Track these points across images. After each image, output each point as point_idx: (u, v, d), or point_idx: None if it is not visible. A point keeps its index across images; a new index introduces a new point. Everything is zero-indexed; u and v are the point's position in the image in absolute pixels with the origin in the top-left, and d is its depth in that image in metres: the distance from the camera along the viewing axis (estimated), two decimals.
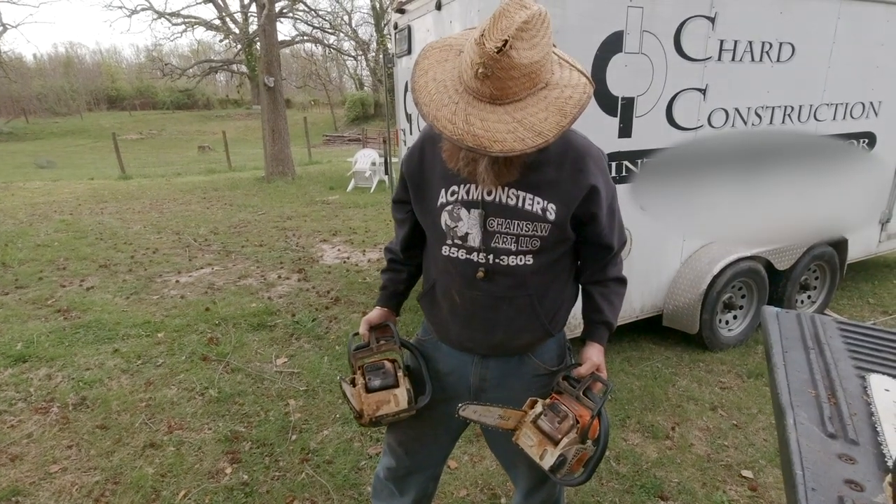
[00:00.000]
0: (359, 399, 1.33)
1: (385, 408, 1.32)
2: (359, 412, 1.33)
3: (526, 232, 1.18)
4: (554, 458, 1.16)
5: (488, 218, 1.18)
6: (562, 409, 1.21)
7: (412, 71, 1.06)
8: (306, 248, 5.59)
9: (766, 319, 1.52)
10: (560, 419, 1.20)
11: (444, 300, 1.32)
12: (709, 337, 3.13)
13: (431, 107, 0.99)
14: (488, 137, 0.96)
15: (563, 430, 1.18)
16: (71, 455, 2.23)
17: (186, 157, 18.51)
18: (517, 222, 1.17)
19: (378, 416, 1.32)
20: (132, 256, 5.23)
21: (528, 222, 1.17)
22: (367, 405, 1.31)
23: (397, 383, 1.34)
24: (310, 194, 9.12)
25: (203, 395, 2.67)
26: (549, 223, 1.17)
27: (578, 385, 1.24)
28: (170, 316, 3.69)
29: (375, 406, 1.32)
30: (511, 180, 1.13)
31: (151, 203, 8.35)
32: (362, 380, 1.35)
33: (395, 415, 1.33)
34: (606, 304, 1.33)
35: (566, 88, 1.02)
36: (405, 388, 1.34)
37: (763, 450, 2.31)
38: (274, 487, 2.05)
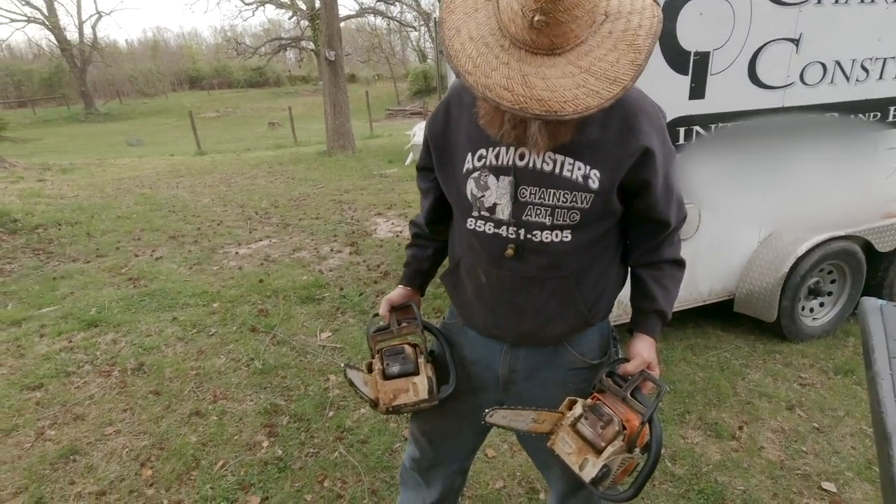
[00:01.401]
0: (375, 386, 1.23)
1: (403, 397, 1.21)
2: (374, 400, 1.23)
3: (563, 203, 0.99)
4: (596, 469, 1.00)
5: (520, 186, 1.01)
6: (605, 411, 1.04)
7: (440, 31, 0.88)
8: (360, 222, 5.60)
9: (867, 314, 1.25)
10: (604, 424, 1.03)
11: (468, 280, 1.17)
12: (788, 326, 2.78)
13: (478, 74, 0.81)
14: (556, 99, 0.78)
15: (607, 437, 1.02)
16: (125, 418, 2.33)
17: (257, 133, 19.29)
18: (553, 191, 0.99)
19: (395, 405, 1.20)
20: (199, 228, 5.48)
21: (567, 192, 0.98)
22: (384, 393, 1.20)
23: (417, 370, 1.22)
24: (368, 168, 9.17)
25: (248, 367, 2.72)
26: (592, 193, 0.98)
27: (626, 384, 1.06)
28: (226, 287, 3.81)
29: (392, 395, 1.20)
30: (566, 140, 0.95)
31: (221, 177, 8.73)
32: (380, 365, 1.24)
33: (414, 405, 1.21)
34: (660, 289, 1.13)
35: (631, 16, 0.82)
36: (426, 376, 1.21)
37: (850, 459, 2.00)
38: (307, 464, 2.04)
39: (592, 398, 1.10)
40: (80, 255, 4.61)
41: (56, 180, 8.37)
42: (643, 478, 1.01)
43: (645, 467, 1.01)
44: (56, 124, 25.42)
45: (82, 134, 21.18)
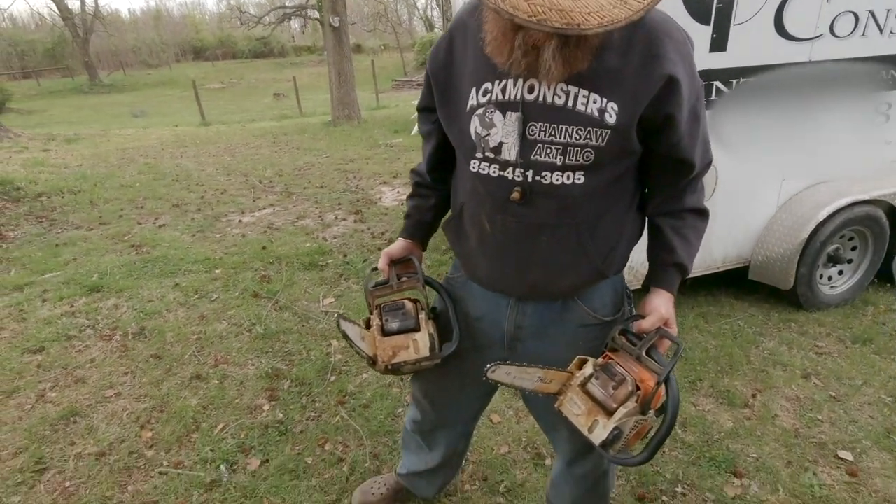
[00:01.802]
0: (373, 343, 1.16)
1: (403, 354, 1.14)
2: (372, 358, 1.17)
3: (577, 140, 0.90)
4: (607, 431, 0.94)
5: (528, 123, 0.91)
6: (618, 371, 0.97)
7: None
8: (365, 190, 5.51)
9: None
10: (616, 384, 0.96)
11: (472, 228, 1.08)
12: (805, 294, 2.68)
13: None
14: (579, 9, 0.69)
15: (619, 398, 0.95)
16: (126, 381, 2.31)
17: (262, 104, 19.05)
18: (565, 128, 0.89)
19: (394, 363, 1.14)
20: (202, 197, 5.41)
21: (580, 128, 0.89)
22: (382, 350, 1.13)
23: (418, 327, 1.15)
24: (374, 137, 9.01)
25: (250, 332, 2.68)
26: (608, 129, 0.88)
27: (640, 343, 0.99)
28: (228, 253, 3.75)
29: (391, 352, 1.13)
30: (583, 68, 0.84)
31: (225, 147, 8.62)
32: (378, 321, 1.17)
33: (415, 363, 1.15)
34: (680, 240, 1.04)
35: None
36: (427, 332, 1.14)
37: (868, 428, 1.94)
38: (308, 428, 2.00)
39: (604, 357, 1.02)
40: (83, 222, 4.57)
41: (60, 150, 8.31)
42: (658, 441, 0.94)
43: (660, 430, 0.95)
44: (61, 96, 25.25)
45: (87, 105, 21.04)
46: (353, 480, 1.76)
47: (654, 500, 1.67)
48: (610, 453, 0.97)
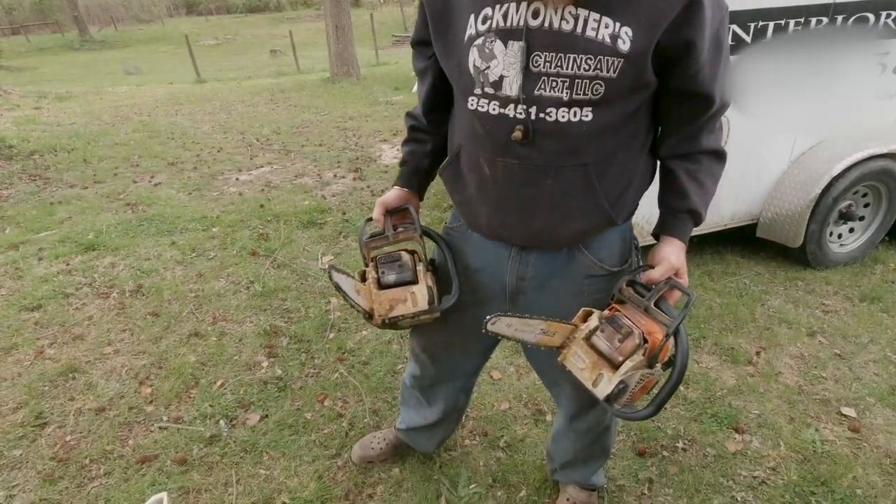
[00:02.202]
0: (369, 296, 1.10)
1: (400, 308, 1.09)
2: (368, 312, 1.12)
3: (585, 71, 0.81)
4: (612, 385, 0.90)
5: (532, 53, 0.83)
6: (624, 323, 0.92)
7: None
8: (365, 148, 5.38)
9: None
10: (622, 337, 0.91)
11: (470, 173, 1.01)
12: (814, 252, 2.62)
13: None
14: None
15: (625, 351, 0.91)
16: (124, 338, 2.29)
17: (258, 60, 18.50)
18: (573, 57, 0.81)
19: (392, 317, 1.09)
20: (198, 155, 5.30)
21: (590, 57, 0.80)
22: (379, 304, 1.08)
23: (416, 279, 1.10)
24: (374, 95, 8.77)
25: (248, 289, 2.65)
26: (621, 57, 0.80)
27: (649, 294, 0.93)
28: (226, 212, 3.69)
29: (388, 305, 1.08)
30: None
31: (221, 105, 8.41)
32: (374, 273, 1.12)
33: (413, 317, 1.10)
34: (694, 185, 0.97)
35: None
36: (426, 285, 1.09)
37: (872, 386, 1.92)
38: (307, 384, 1.99)
39: (610, 309, 0.97)
40: (78, 181, 4.49)
41: (52, 108, 8.12)
42: (665, 395, 0.90)
43: (667, 384, 0.91)
44: (51, 52, 24.55)
45: (79, 62, 20.48)
46: (352, 435, 1.76)
47: (654, 454, 1.67)
48: (614, 408, 0.94)
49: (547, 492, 1.56)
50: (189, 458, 1.68)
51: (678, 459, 1.65)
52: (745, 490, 1.54)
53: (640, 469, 1.62)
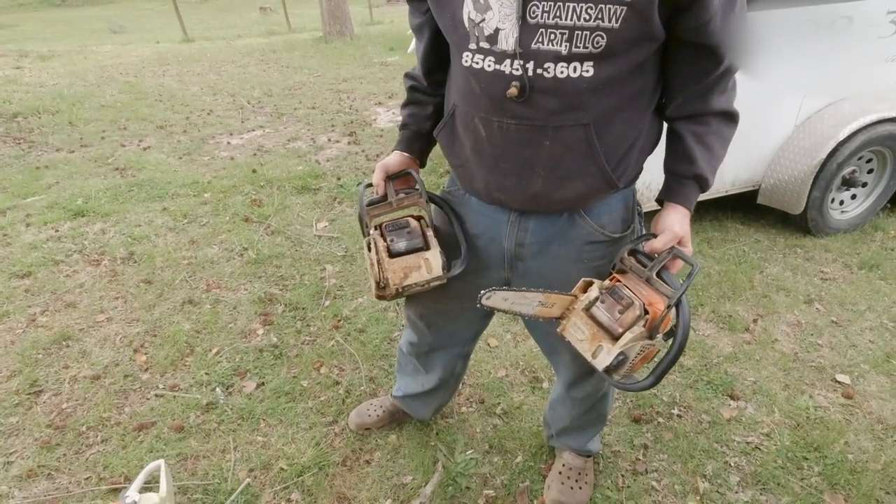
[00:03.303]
0: (381, 266, 1.06)
1: (415, 275, 1.04)
2: (381, 282, 1.08)
3: (586, 21, 0.76)
4: (611, 356, 0.89)
5: (530, 3, 0.77)
6: (625, 294, 0.90)
7: None
8: (360, 111, 5.25)
9: None
10: (623, 308, 0.89)
11: (466, 134, 0.96)
12: (815, 219, 2.59)
13: None
14: None
15: (625, 323, 0.89)
16: (117, 306, 2.27)
17: (248, 18, 17.86)
18: (573, 6, 0.75)
19: (406, 285, 1.05)
20: (187, 118, 5.15)
21: (591, 5, 0.75)
22: (393, 272, 1.04)
23: (427, 245, 1.06)
24: (368, 55, 8.51)
25: (242, 256, 2.61)
26: (624, 5, 0.74)
27: (651, 263, 0.91)
28: (217, 177, 3.61)
29: (403, 273, 1.04)
30: None
31: (210, 65, 8.15)
32: (383, 241, 1.07)
33: (426, 283, 1.06)
34: (702, 149, 0.92)
35: None
36: (438, 250, 1.06)
37: (867, 353, 1.92)
38: (303, 352, 1.98)
39: (611, 279, 0.95)
40: (64, 144, 4.37)
41: (34, 68, 7.85)
42: (665, 366, 0.89)
43: (668, 355, 0.89)
44: (31, 9, 23.60)
45: (61, 20, 19.70)
46: (349, 403, 1.76)
47: (650, 421, 1.68)
48: (614, 378, 0.93)
49: (543, 458, 1.57)
50: (186, 426, 1.68)
51: (673, 426, 1.66)
52: (739, 455, 1.56)
53: (636, 435, 1.63)
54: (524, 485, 1.49)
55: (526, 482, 1.50)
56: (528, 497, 1.46)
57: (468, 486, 1.49)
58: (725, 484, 1.48)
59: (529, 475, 1.53)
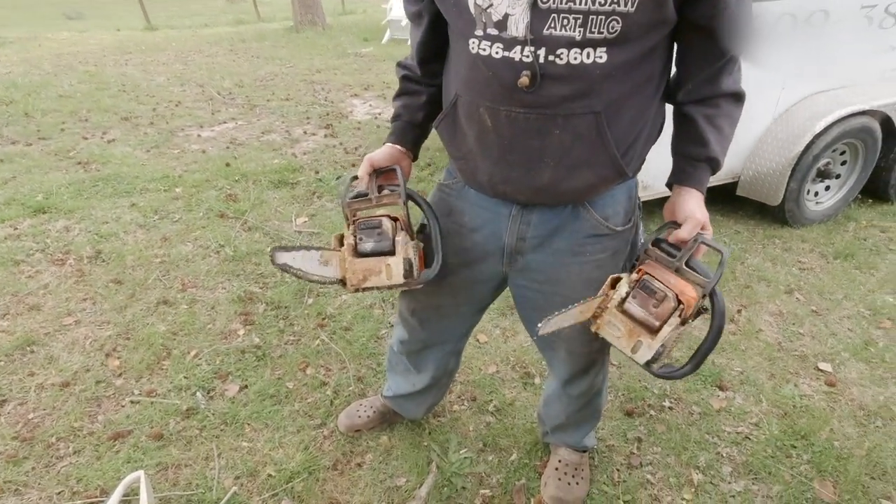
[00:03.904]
0: (342, 264, 1.03)
1: (374, 279, 1.02)
2: (340, 280, 1.05)
3: (601, 6, 0.73)
4: (652, 350, 0.89)
5: None
6: (657, 286, 0.89)
7: None
8: (336, 103, 5.13)
9: None
10: (657, 301, 0.89)
11: (469, 123, 0.92)
12: (792, 210, 2.65)
13: None
14: None
15: (662, 315, 0.88)
16: (85, 308, 2.15)
17: (214, 6, 17.30)
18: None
19: (364, 287, 1.03)
20: (154, 109, 4.95)
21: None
22: (353, 273, 1.01)
23: (393, 250, 1.02)
24: (342, 46, 8.35)
25: (218, 254, 2.51)
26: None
27: (679, 254, 0.89)
28: (189, 171, 3.47)
29: (362, 276, 1.02)
30: None
31: (176, 55, 7.85)
32: (352, 239, 1.04)
33: (387, 289, 1.04)
34: (714, 132, 0.91)
35: None
36: (403, 257, 1.01)
37: (847, 341, 1.97)
38: (287, 352, 1.92)
39: (638, 272, 0.93)
40: (20, 136, 4.13)
41: None
42: (704, 353, 0.91)
43: (707, 341, 0.91)
44: None
45: (10, 4, 18.67)
46: (337, 404, 1.71)
47: (642, 414, 1.68)
48: (653, 369, 0.93)
49: (538, 454, 1.55)
50: (166, 433, 1.59)
51: (665, 418, 1.67)
52: (730, 446, 1.58)
53: (629, 429, 1.63)
54: (520, 483, 1.47)
55: (522, 480, 1.48)
56: (526, 495, 1.44)
57: (464, 487, 1.47)
58: (718, 475, 1.49)
59: (525, 473, 1.51)
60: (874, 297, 2.21)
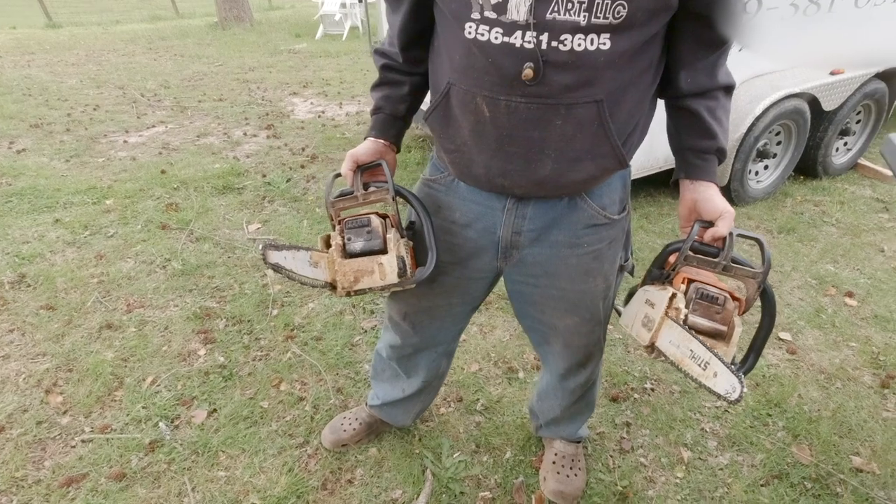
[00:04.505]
0: (332, 266, 0.96)
1: (366, 280, 0.95)
2: (330, 283, 0.98)
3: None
4: (730, 357, 0.86)
5: None
6: (712, 292, 0.86)
7: None
8: (274, 102, 4.89)
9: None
10: (719, 308, 0.86)
11: (464, 114, 0.87)
12: (737, 190, 2.79)
13: None
14: None
15: (728, 320, 0.86)
16: (14, 340, 1.90)
17: (125, 2, 16.06)
18: None
19: (357, 289, 0.96)
20: (69, 114, 4.51)
21: None
22: (343, 275, 0.95)
23: (385, 248, 0.96)
24: (273, 42, 7.99)
25: (165, 269, 2.30)
26: None
27: (722, 253, 0.86)
28: (119, 180, 3.18)
29: (353, 277, 0.95)
30: None
31: (87, 54, 7.22)
32: (340, 240, 0.97)
33: (381, 290, 0.97)
34: (716, 123, 0.90)
35: None
36: (396, 255, 0.95)
37: (800, 310, 2.10)
38: (256, 369, 1.79)
39: (684, 281, 0.89)
40: None
41: None
42: (762, 342, 0.93)
43: (762, 330, 0.93)
44: None
45: None
46: (318, 419, 1.61)
47: (626, 398, 1.70)
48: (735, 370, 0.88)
49: (532, 449, 1.53)
50: (128, 471, 1.43)
51: (649, 400, 1.70)
52: (712, 420, 1.63)
53: (616, 414, 1.65)
54: (519, 481, 1.45)
55: (520, 478, 1.45)
56: (526, 493, 1.42)
57: (462, 491, 1.42)
58: (705, 450, 1.54)
59: (522, 470, 1.48)
60: (818, 267, 2.36)
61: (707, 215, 0.91)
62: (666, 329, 0.86)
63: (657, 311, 0.87)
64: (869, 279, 2.28)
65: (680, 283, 0.89)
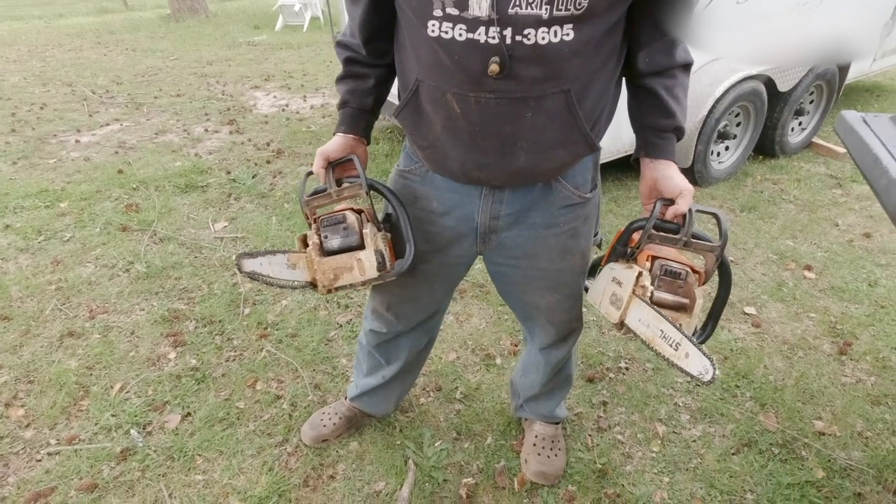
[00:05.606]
0: (311, 265, 0.96)
1: (346, 277, 0.96)
2: (311, 283, 0.98)
3: None
4: (691, 328, 0.90)
5: None
6: (675, 268, 0.89)
7: None
8: (235, 97, 4.75)
9: (851, 127, 1.18)
10: (682, 282, 0.89)
11: (435, 111, 0.86)
12: (700, 171, 2.87)
13: None
14: None
15: (690, 293, 0.89)
16: None
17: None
18: None
19: (338, 286, 0.96)
20: (13, 114, 4.27)
21: None
22: (323, 273, 0.95)
23: (362, 244, 0.96)
24: (231, 35, 7.75)
25: (128, 272, 2.22)
26: None
27: (683, 229, 0.89)
28: (73, 182, 3.04)
29: (333, 275, 0.95)
30: None
31: (29, 50, 6.85)
32: (316, 238, 0.96)
33: (363, 285, 0.98)
34: (675, 102, 0.92)
35: None
36: (373, 249, 0.95)
37: (763, 285, 2.18)
38: (230, 370, 1.74)
39: (648, 258, 0.91)
40: None
41: None
42: (719, 311, 0.98)
43: (719, 301, 0.98)
44: None
45: None
46: (297, 417, 1.59)
47: (602, 378, 1.74)
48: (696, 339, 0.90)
49: (513, 433, 1.55)
50: (100, 482, 1.39)
51: (624, 378, 1.74)
52: (684, 395, 1.68)
53: (593, 394, 1.68)
54: (500, 465, 1.46)
55: (502, 462, 1.47)
56: (508, 476, 1.44)
57: (445, 479, 1.43)
58: (679, 424, 1.59)
59: (503, 454, 1.50)
60: (778, 243, 2.46)
61: (667, 193, 0.93)
62: (634, 307, 0.88)
63: (625, 290, 0.89)
64: (825, 252, 2.38)
65: (644, 261, 0.91)
